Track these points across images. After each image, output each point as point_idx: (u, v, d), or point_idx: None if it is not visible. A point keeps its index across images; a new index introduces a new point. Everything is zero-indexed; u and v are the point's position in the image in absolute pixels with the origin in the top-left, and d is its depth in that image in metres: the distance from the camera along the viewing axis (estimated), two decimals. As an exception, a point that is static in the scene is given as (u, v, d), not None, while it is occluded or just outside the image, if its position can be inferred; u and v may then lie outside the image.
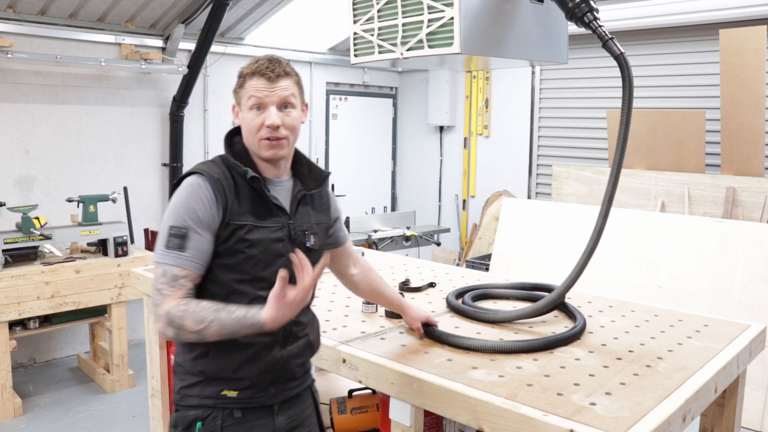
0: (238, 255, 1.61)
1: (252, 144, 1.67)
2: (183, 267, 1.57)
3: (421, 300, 2.65)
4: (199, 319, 1.50)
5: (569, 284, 2.15)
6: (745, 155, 4.71)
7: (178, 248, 1.57)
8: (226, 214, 1.61)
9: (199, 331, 1.50)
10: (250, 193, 1.65)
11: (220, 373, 1.64)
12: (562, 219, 5.10)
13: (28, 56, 4.56)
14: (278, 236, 1.66)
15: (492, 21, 2.08)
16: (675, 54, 5.48)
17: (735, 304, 4.12)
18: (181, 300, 1.55)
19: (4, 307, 3.92)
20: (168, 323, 1.53)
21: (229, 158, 1.68)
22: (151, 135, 5.55)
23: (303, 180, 1.78)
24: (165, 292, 1.56)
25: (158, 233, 1.64)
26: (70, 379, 4.71)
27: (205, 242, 1.60)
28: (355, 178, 7.29)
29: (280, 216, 1.68)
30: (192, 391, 1.67)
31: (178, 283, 1.57)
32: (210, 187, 1.60)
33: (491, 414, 1.63)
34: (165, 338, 1.56)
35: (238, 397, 1.66)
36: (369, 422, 2.54)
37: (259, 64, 1.66)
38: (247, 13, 5.63)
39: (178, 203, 1.61)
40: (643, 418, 1.55)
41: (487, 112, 6.83)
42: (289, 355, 1.70)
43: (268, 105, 1.64)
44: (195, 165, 1.69)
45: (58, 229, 4.24)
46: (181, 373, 1.71)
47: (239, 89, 1.69)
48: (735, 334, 2.22)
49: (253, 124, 1.64)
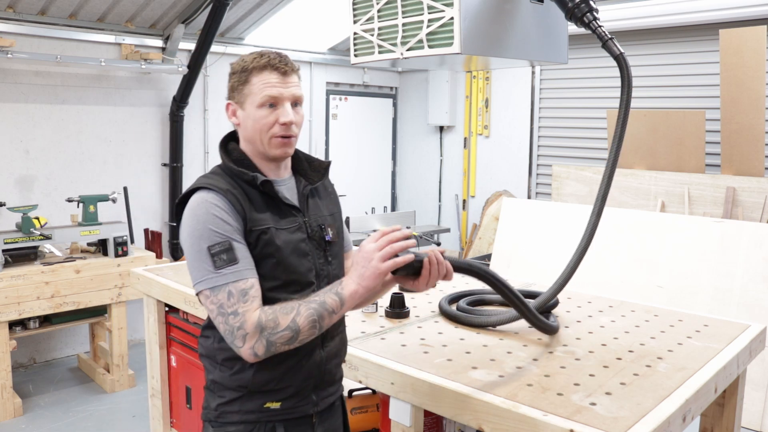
0: (267, 261, 1.53)
1: (259, 143, 1.58)
2: (246, 278, 1.47)
3: (420, 300, 2.65)
4: (288, 309, 1.44)
5: (558, 288, 2.14)
6: (745, 155, 4.71)
7: (230, 262, 1.46)
8: (247, 223, 1.52)
9: (293, 320, 1.42)
10: (262, 197, 1.57)
11: (263, 385, 1.57)
12: (562, 219, 5.10)
13: (28, 56, 4.56)
14: (299, 236, 1.59)
15: (492, 21, 2.08)
16: (675, 54, 5.48)
17: (735, 304, 4.12)
18: (262, 307, 1.46)
19: (4, 307, 3.92)
20: (260, 333, 1.42)
21: (232, 167, 1.58)
22: (151, 135, 5.55)
23: (305, 175, 1.71)
24: (241, 310, 1.44)
25: (189, 263, 1.51)
26: (70, 379, 4.71)
27: (247, 250, 1.51)
28: (355, 178, 7.29)
29: (294, 215, 1.61)
30: (232, 407, 1.59)
31: (249, 296, 1.46)
32: (222, 199, 1.51)
33: (491, 414, 1.63)
34: (254, 359, 1.45)
35: (281, 408, 1.59)
36: (369, 422, 2.54)
37: (269, 57, 1.56)
38: (247, 13, 5.63)
39: (199, 222, 1.49)
40: (643, 418, 1.55)
41: (487, 112, 6.83)
42: (328, 356, 1.66)
43: (283, 101, 1.55)
44: (196, 180, 1.58)
45: (58, 229, 4.24)
46: (218, 390, 1.62)
47: (242, 85, 1.57)
48: (735, 334, 2.22)
49: (265, 122, 1.54)
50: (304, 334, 1.45)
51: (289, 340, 1.44)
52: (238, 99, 1.59)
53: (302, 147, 6.66)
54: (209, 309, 1.50)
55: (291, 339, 1.44)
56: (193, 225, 1.50)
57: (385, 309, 2.43)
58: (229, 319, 1.45)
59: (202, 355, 1.68)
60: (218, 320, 1.48)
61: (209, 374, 1.65)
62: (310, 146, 6.77)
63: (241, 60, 1.60)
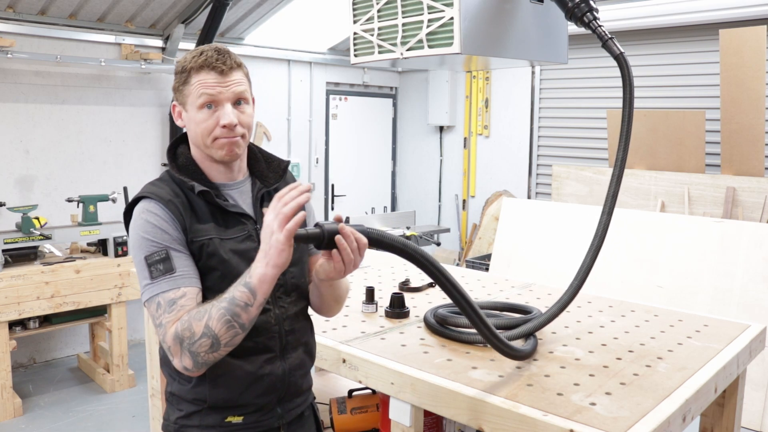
0: (212, 273, 1.46)
1: (203, 146, 1.49)
2: (177, 287, 1.39)
3: (420, 300, 2.65)
4: (201, 313, 1.34)
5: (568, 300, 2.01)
6: (745, 155, 4.71)
7: (166, 272, 1.40)
8: (187, 234, 1.45)
9: (206, 325, 1.32)
10: (206, 206, 1.49)
11: (222, 400, 1.49)
12: (562, 219, 5.10)
13: (28, 56, 4.57)
14: (247, 245, 1.49)
15: (492, 21, 2.08)
16: (675, 54, 5.48)
17: (735, 304, 4.12)
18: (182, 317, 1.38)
19: (4, 307, 3.92)
20: (180, 345, 1.34)
21: (174, 174, 1.51)
22: (151, 135, 5.55)
23: (262, 177, 1.61)
24: (165, 321, 1.37)
25: (136, 276, 1.46)
26: (70, 379, 4.71)
27: (188, 258, 1.44)
28: (355, 178, 7.29)
29: (243, 223, 1.52)
30: (191, 421, 1.51)
31: (177, 305, 1.38)
32: (162, 209, 1.44)
33: (491, 414, 1.63)
34: (190, 373, 1.38)
35: (244, 423, 1.52)
36: (369, 422, 2.54)
37: (207, 55, 1.46)
38: (247, 13, 5.63)
39: (139, 232, 1.44)
40: (643, 418, 1.55)
41: (487, 112, 6.83)
42: (291, 367, 1.57)
43: (222, 102, 1.46)
44: (142, 188, 1.52)
45: (58, 229, 4.25)
46: (176, 402, 1.54)
47: (182, 86, 1.48)
48: (735, 334, 2.22)
49: (205, 125, 1.46)
50: (224, 337, 1.33)
51: (211, 348, 1.33)
52: (181, 100, 1.51)
53: (302, 147, 6.74)
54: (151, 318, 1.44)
55: (213, 346, 1.33)
56: (132, 235, 1.46)
57: (385, 309, 2.43)
58: (158, 331, 1.40)
59: (161, 363, 1.61)
60: (156, 333, 1.44)
61: (168, 386, 1.58)
62: (310, 146, 6.77)
63: (182, 59, 1.51)
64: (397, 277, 3.00)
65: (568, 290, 2.01)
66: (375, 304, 2.47)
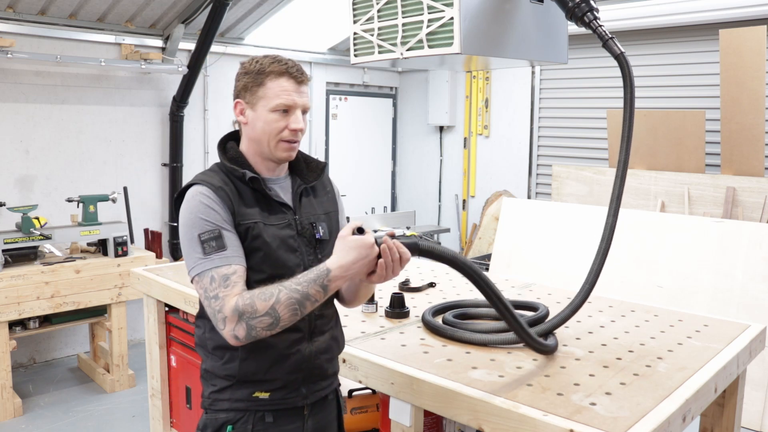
0: (255, 254, 1.60)
1: (266, 144, 1.64)
2: (229, 264, 1.54)
3: (420, 300, 2.65)
4: (267, 295, 1.47)
5: (584, 296, 2.01)
6: (745, 155, 4.71)
7: (218, 249, 1.54)
8: (235, 217, 1.59)
9: (272, 307, 1.47)
10: (253, 194, 1.64)
11: (251, 375, 1.63)
12: (562, 219, 5.10)
13: (28, 56, 4.56)
14: (287, 232, 1.65)
15: (492, 21, 2.08)
16: (675, 54, 5.48)
17: (735, 304, 4.12)
18: (241, 293, 1.51)
19: (4, 307, 3.92)
20: (239, 317, 1.47)
21: (226, 164, 1.67)
22: (151, 135, 5.55)
23: (301, 174, 1.76)
24: (222, 294, 1.51)
25: (184, 252, 1.59)
26: (70, 379, 4.71)
27: (237, 239, 1.58)
28: (355, 178, 7.29)
29: (284, 212, 1.67)
30: (223, 395, 1.65)
31: (231, 281, 1.52)
32: (213, 193, 1.59)
33: (491, 414, 1.63)
34: (236, 342, 1.51)
35: (270, 399, 1.64)
36: (369, 422, 2.54)
37: (287, 65, 1.62)
38: (247, 13, 5.63)
39: (192, 213, 1.58)
40: (643, 418, 1.55)
41: (487, 112, 6.83)
42: (317, 351, 1.69)
43: (296, 109, 1.63)
44: (194, 177, 1.67)
45: (58, 229, 4.24)
46: (210, 378, 1.69)
47: (256, 87, 1.62)
48: (735, 334, 2.22)
49: (275, 125, 1.62)
50: (285, 321, 1.49)
51: (269, 326, 1.49)
52: (249, 99, 1.65)
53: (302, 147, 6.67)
54: (199, 294, 1.57)
55: (271, 325, 1.49)
56: (186, 216, 1.59)
57: (385, 309, 2.43)
58: (211, 302, 1.53)
59: (196, 345, 1.75)
60: (205, 304, 1.55)
61: (203, 363, 1.72)
62: (310, 146, 6.77)
63: (255, 61, 1.64)
64: (397, 277, 3.00)
65: (579, 293, 2.02)
66: (375, 304, 2.47)
